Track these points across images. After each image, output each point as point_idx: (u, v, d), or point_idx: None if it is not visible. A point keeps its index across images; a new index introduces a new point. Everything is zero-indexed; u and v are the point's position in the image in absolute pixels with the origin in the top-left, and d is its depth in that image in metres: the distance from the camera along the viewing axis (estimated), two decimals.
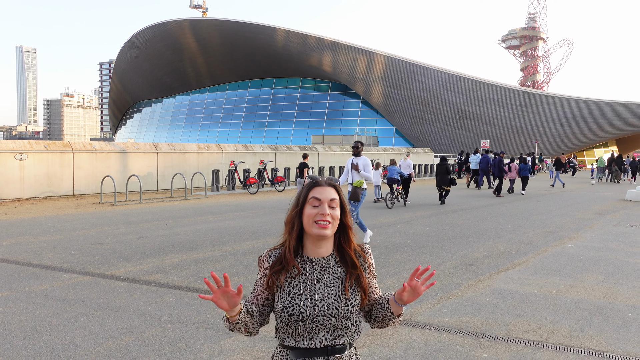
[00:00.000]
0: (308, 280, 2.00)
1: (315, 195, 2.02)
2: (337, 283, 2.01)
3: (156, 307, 5.67)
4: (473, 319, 5.43)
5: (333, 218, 2.01)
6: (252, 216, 13.22)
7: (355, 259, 2.06)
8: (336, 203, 2.04)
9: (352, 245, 2.08)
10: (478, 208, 16.02)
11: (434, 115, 57.37)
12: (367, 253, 2.15)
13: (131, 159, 19.66)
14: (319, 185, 2.06)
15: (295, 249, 2.04)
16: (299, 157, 26.88)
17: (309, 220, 2.00)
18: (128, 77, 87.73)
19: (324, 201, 2.01)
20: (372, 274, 2.14)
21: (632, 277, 7.37)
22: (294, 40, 62.06)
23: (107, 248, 8.83)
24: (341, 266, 2.05)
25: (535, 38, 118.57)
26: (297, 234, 2.04)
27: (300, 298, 1.97)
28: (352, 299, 2.02)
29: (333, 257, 2.06)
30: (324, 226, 1.98)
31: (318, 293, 1.98)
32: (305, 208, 2.03)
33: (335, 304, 1.98)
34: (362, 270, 2.07)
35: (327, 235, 2.01)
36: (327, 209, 2.00)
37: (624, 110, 51.57)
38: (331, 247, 2.07)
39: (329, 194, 2.03)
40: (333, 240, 2.08)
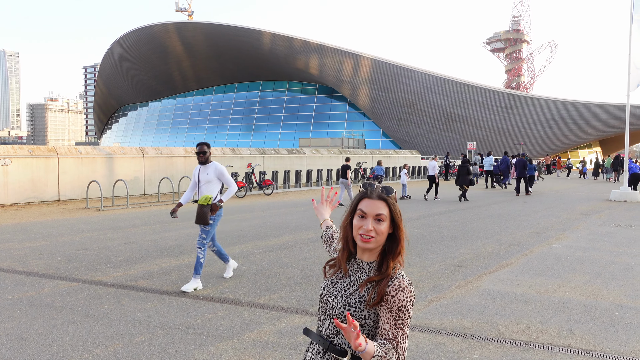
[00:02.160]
0: (344, 272, 2.08)
1: (362, 207, 2.00)
2: (356, 285, 2.01)
3: (145, 312, 5.62)
4: (463, 320, 5.46)
5: (377, 233, 1.97)
6: (240, 220, 13.16)
7: (389, 269, 1.97)
8: (384, 217, 1.98)
9: (397, 260, 2.00)
10: (465, 210, 16.12)
11: (420, 117, 57.68)
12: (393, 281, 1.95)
13: (117, 163, 19.48)
14: (369, 197, 2.02)
15: (349, 251, 2.08)
16: (286, 160, 26.85)
17: (355, 232, 2.01)
18: (113, 81, 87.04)
19: (369, 215, 1.98)
20: (389, 307, 1.92)
21: (618, 276, 7.46)
22: (280, 43, 62.05)
23: (94, 254, 8.73)
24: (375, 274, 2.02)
25: (520, 41, 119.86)
26: (350, 240, 2.06)
27: (332, 280, 2.10)
28: (352, 303, 1.97)
29: (372, 264, 2.03)
30: (366, 240, 1.97)
31: (340, 283, 2.05)
32: (354, 218, 2.03)
33: (337, 299, 2.01)
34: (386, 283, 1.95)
35: (370, 249, 2.00)
36: (371, 224, 1.96)
37: (606, 111, 52.30)
38: (376, 255, 2.04)
39: (377, 208, 1.98)
40: (380, 251, 2.04)
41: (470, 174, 19.60)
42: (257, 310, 5.75)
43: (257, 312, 5.66)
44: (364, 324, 1.96)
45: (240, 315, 5.57)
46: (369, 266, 2.02)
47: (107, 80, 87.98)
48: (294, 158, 27.59)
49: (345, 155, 29.40)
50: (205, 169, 6.98)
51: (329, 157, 30.29)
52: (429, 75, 56.44)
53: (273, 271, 7.56)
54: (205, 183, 6.93)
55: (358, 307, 1.96)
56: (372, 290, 1.96)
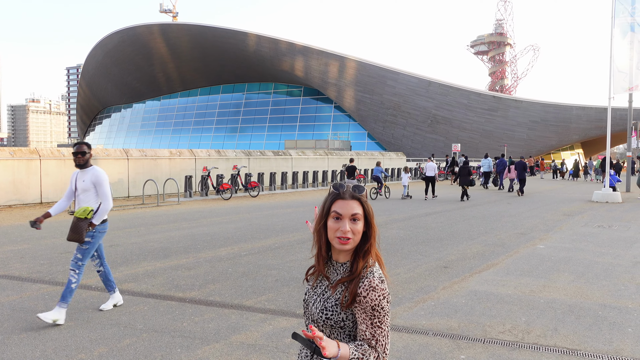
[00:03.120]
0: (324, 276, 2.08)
1: (337, 209, 1.97)
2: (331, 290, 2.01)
3: (130, 316, 5.55)
4: (450, 321, 5.48)
5: (354, 233, 1.96)
6: (226, 222, 13.09)
7: (359, 267, 1.96)
8: (359, 217, 1.97)
9: (367, 257, 1.98)
10: (450, 211, 16.22)
11: (405, 119, 57.99)
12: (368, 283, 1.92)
13: (101, 165, 19.25)
14: (342, 198, 1.99)
15: (326, 256, 2.06)
16: (272, 162, 26.79)
17: (332, 234, 1.98)
18: (96, 82, 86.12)
19: (345, 216, 1.96)
20: (363, 308, 1.91)
21: (601, 276, 7.56)
22: (265, 45, 61.96)
23: None
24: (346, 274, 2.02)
25: (503, 44, 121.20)
26: (325, 244, 2.03)
27: (312, 285, 2.09)
28: (327, 306, 1.96)
29: (344, 265, 2.02)
30: (344, 242, 1.95)
31: (319, 287, 2.06)
32: (328, 220, 1.99)
33: (316, 304, 2.01)
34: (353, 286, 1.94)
35: (347, 250, 1.99)
36: (348, 225, 1.95)
37: (588, 114, 53.09)
38: (350, 255, 2.02)
39: (352, 208, 1.96)
40: (353, 250, 2.02)
41: (470, 175, 20.88)
42: (244, 312, 5.72)
43: (244, 315, 5.62)
44: (344, 326, 1.95)
45: (227, 317, 5.53)
46: (343, 267, 2.01)
47: (90, 81, 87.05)
48: (280, 160, 27.54)
49: (347, 157, 29.45)
50: (83, 175, 5.64)
51: (315, 158, 30.29)
52: (414, 78, 56.79)
53: (260, 273, 7.53)
54: (83, 192, 5.60)
55: (335, 310, 1.95)
56: (344, 292, 1.95)
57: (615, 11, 20.68)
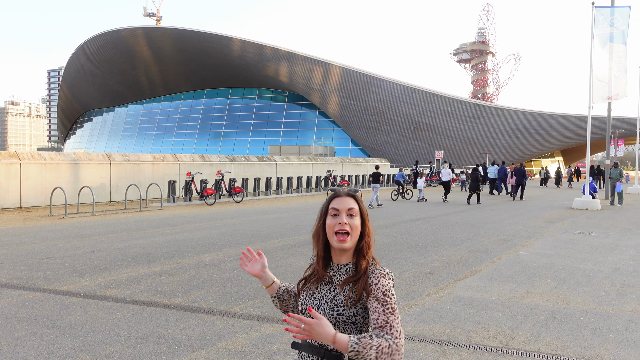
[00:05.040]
0: (322, 283, 2.11)
1: (334, 205, 2.09)
2: (337, 289, 2.06)
3: (114, 323, 5.48)
4: (435, 327, 5.51)
5: (352, 227, 2.06)
6: (210, 227, 13.01)
7: (363, 265, 2.04)
8: (355, 212, 2.08)
9: (368, 255, 2.07)
10: (434, 217, 16.34)
11: (389, 126, 58.32)
12: (375, 272, 2.01)
13: (83, 169, 19.02)
14: (338, 196, 2.12)
15: (325, 258, 2.12)
16: (256, 167, 26.72)
17: (330, 232, 2.07)
18: (78, 85, 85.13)
19: (342, 211, 2.07)
20: (375, 295, 1.97)
21: (583, 282, 7.67)
22: (250, 50, 61.90)
23: (59, 263, 8.48)
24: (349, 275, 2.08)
25: (485, 52, 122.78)
26: (323, 244, 2.12)
27: (308, 293, 2.11)
28: (339, 304, 2.02)
29: (346, 266, 2.09)
30: (342, 239, 2.03)
31: (319, 292, 2.08)
32: (327, 219, 2.10)
33: (324, 306, 2.04)
34: (366, 279, 2.00)
35: (346, 248, 2.05)
36: (345, 218, 2.05)
37: (568, 122, 53.99)
38: (351, 256, 2.11)
39: (347, 203, 2.09)
40: (353, 251, 2.10)
41: (479, 181, 22.54)
42: (230, 319, 5.68)
43: (230, 321, 5.59)
44: (355, 321, 2.01)
45: (212, 324, 5.49)
46: (346, 267, 2.09)
47: (72, 84, 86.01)
48: (264, 165, 27.49)
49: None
50: None
51: (299, 164, 30.29)
52: (398, 85, 57.20)
53: (245, 279, 7.49)
54: None
55: (345, 305, 2.01)
56: (350, 290, 2.02)
57: (595, 22, 21.11)
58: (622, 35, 21.12)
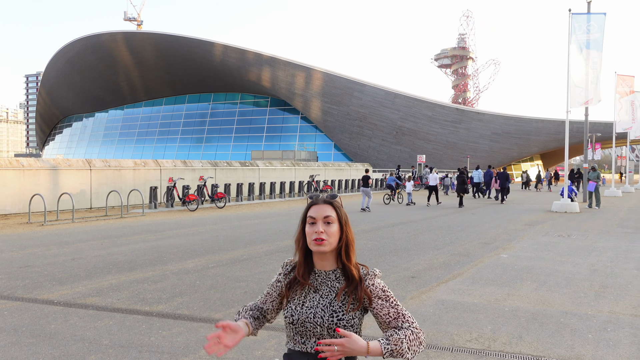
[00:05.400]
0: (306, 289, 2.13)
1: (311, 214, 2.13)
2: (330, 296, 2.10)
3: (95, 331, 5.41)
4: None
5: (329, 234, 2.09)
6: (193, 234, 12.92)
7: (355, 272, 2.11)
8: (332, 219, 2.11)
9: (352, 260, 2.14)
10: (416, 221, 16.45)
11: (371, 130, 58.60)
12: (369, 274, 2.13)
13: (63, 176, 18.76)
14: (315, 204, 2.16)
15: (307, 264, 2.16)
16: (239, 172, 26.62)
17: (309, 239, 2.11)
18: (57, 90, 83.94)
19: (318, 219, 2.10)
20: (376, 294, 2.10)
21: (562, 284, 7.80)
22: (232, 55, 61.75)
23: (38, 271, 8.35)
24: (340, 282, 2.13)
25: (465, 57, 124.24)
26: (304, 251, 2.16)
27: (295, 303, 2.12)
28: (339, 311, 2.07)
29: (334, 272, 2.15)
30: (319, 244, 2.08)
31: (309, 301, 2.10)
32: (305, 227, 2.15)
33: (321, 314, 2.07)
34: (362, 283, 2.10)
35: (324, 251, 2.10)
36: (321, 227, 2.09)
37: (547, 126, 54.83)
38: (334, 262, 2.16)
39: (324, 211, 2.12)
40: (335, 255, 2.15)
41: (465, 184, 23.36)
42: (213, 326, 5.65)
43: (213, 328, 5.56)
44: (353, 324, 2.08)
45: (195, 331, 5.46)
46: (335, 274, 2.13)
47: (51, 89, 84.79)
48: (247, 170, 27.40)
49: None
50: None
51: (282, 169, 30.26)
52: (380, 90, 57.54)
53: (228, 285, 7.46)
54: None
55: (344, 309, 2.07)
56: (350, 298, 2.08)
57: (572, 28, 21.52)
58: (597, 42, 21.57)
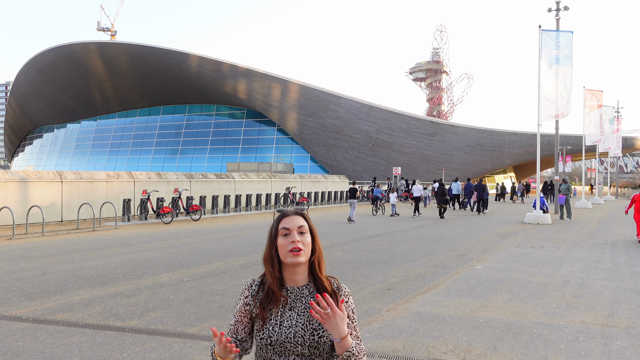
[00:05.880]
0: (281, 307, 2.11)
1: (284, 225, 2.13)
2: (307, 313, 2.10)
3: (65, 348, 5.27)
4: (395, 343, 5.56)
5: (304, 244, 2.10)
6: (167, 247, 12.74)
7: (327, 285, 2.14)
8: (305, 229, 2.13)
9: (323, 272, 2.17)
10: (392, 233, 16.54)
11: (347, 143, 58.92)
12: (342, 290, 2.20)
13: (32, 188, 18.32)
14: (287, 215, 2.16)
15: (280, 280, 2.14)
16: (215, 185, 26.41)
17: (283, 251, 2.10)
18: (27, 100, 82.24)
19: (292, 229, 2.11)
20: (348, 314, 2.16)
21: (535, 295, 7.92)
22: (207, 66, 61.53)
23: (5, 286, 8.10)
24: (314, 296, 2.13)
25: (440, 71, 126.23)
26: (278, 266, 2.13)
27: (271, 323, 2.09)
28: (319, 329, 2.07)
29: (307, 287, 2.15)
30: (296, 254, 2.08)
31: (287, 320, 2.08)
32: (277, 240, 2.12)
33: (302, 333, 2.06)
34: (337, 296, 2.14)
35: (301, 262, 2.10)
36: (297, 236, 2.10)
37: (519, 139, 55.95)
38: (306, 277, 2.16)
39: (297, 221, 2.13)
40: (307, 269, 2.15)
41: (445, 195, 23.86)
42: (188, 340, 5.56)
43: (188, 343, 5.47)
44: (327, 340, 2.09)
45: (169, 346, 5.36)
46: (307, 288, 2.14)
47: (20, 99, 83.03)
48: (223, 183, 27.21)
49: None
50: None
51: (258, 181, 30.14)
52: (356, 102, 57.99)
53: (203, 299, 7.36)
54: None
55: (323, 327, 2.08)
56: None
57: (542, 44, 22.11)
58: (566, 57, 22.19)
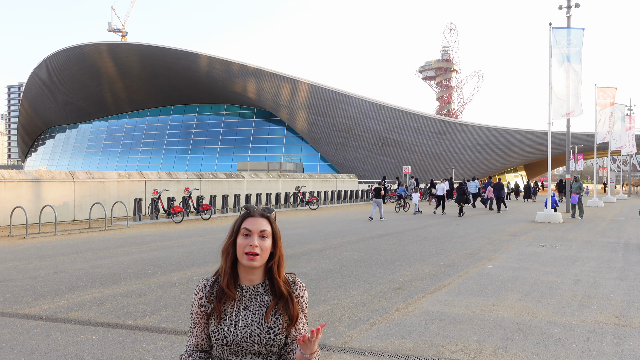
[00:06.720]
0: (235, 307, 2.08)
1: (246, 226, 2.09)
2: (262, 311, 2.08)
3: (77, 346, 5.33)
4: (404, 342, 5.55)
5: (262, 249, 2.07)
6: (178, 246, 12.81)
7: (284, 289, 2.11)
8: (267, 234, 2.09)
9: (282, 275, 2.14)
10: (402, 232, 16.51)
11: (357, 142, 58.86)
12: (297, 284, 2.17)
13: (45, 188, 18.51)
14: (251, 215, 2.11)
15: (230, 277, 2.10)
16: (225, 184, 26.52)
17: (240, 251, 2.06)
18: (40, 101, 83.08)
19: (254, 232, 2.07)
20: (300, 306, 2.15)
21: (546, 294, 7.87)
22: (217, 66, 61.74)
23: (19, 285, 8.20)
24: (269, 295, 2.11)
25: (449, 70, 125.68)
26: (231, 262, 2.10)
27: (226, 324, 2.05)
28: (274, 327, 2.07)
29: (262, 286, 2.12)
30: (252, 258, 2.05)
31: (242, 320, 2.05)
32: (238, 238, 2.09)
33: (257, 332, 2.04)
34: (293, 298, 2.11)
35: (256, 267, 2.07)
36: (257, 241, 2.06)
37: (529, 138, 55.55)
38: (262, 276, 2.13)
39: (260, 225, 2.08)
40: (264, 269, 2.13)
41: (465, 194, 24.07)
42: None
43: None
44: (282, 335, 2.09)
45: (180, 345, 5.39)
46: (262, 286, 2.12)
47: (33, 100, 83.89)
48: (233, 182, 27.31)
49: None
50: None
51: (268, 181, 30.21)
52: (365, 101, 57.90)
53: None
54: None
55: (278, 324, 2.07)
56: (284, 315, 2.09)
57: (553, 42, 21.93)
58: (577, 55, 21.99)
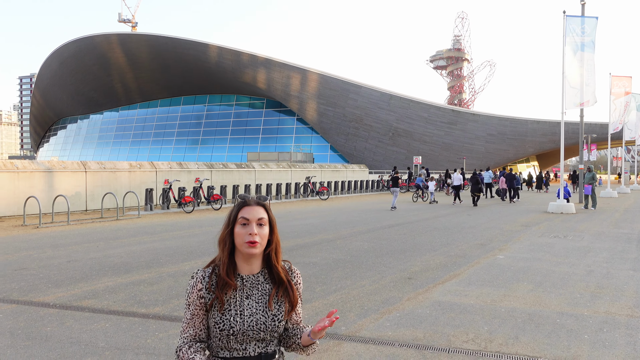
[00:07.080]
0: (238, 296, 2.09)
1: (243, 215, 2.11)
2: (264, 299, 2.12)
3: (91, 334, 5.39)
4: (415, 332, 5.56)
5: (261, 237, 2.10)
6: (189, 235, 12.90)
7: (283, 275, 2.15)
8: (264, 221, 2.12)
9: (280, 262, 2.18)
10: (413, 223, 16.47)
11: (367, 132, 58.68)
12: (294, 272, 2.23)
13: (57, 178, 18.68)
14: (247, 204, 2.13)
15: (229, 266, 2.12)
16: (235, 174, 26.61)
17: (240, 240, 2.08)
18: (51, 92, 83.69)
19: (252, 221, 2.09)
20: (299, 292, 2.21)
21: (558, 285, 7.82)
22: (227, 57, 61.71)
23: (34, 273, 8.31)
24: (269, 282, 2.15)
25: (461, 59, 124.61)
26: (229, 251, 2.13)
27: (231, 314, 2.06)
28: (278, 314, 2.12)
29: (262, 274, 2.15)
30: (252, 246, 2.07)
31: (247, 309, 2.08)
32: (235, 227, 2.11)
33: (263, 320, 2.08)
34: (292, 285, 2.17)
35: (256, 254, 2.10)
36: (255, 228, 2.08)
37: (542, 127, 55.05)
38: (260, 264, 2.16)
39: (257, 213, 2.11)
40: (262, 257, 2.16)
41: (479, 184, 24.15)
42: None
43: None
44: (280, 319, 2.13)
45: None
46: (262, 275, 2.15)
47: (45, 91, 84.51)
48: (243, 172, 27.39)
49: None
50: None
51: (278, 171, 30.25)
52: (376, 91, 57.64)
53: None
54: None
55: (282, 311, 2.13)
56: (285, 302, 2.15)
57: (567, 30, 21.62)
58: (591, 44, 21.67)
